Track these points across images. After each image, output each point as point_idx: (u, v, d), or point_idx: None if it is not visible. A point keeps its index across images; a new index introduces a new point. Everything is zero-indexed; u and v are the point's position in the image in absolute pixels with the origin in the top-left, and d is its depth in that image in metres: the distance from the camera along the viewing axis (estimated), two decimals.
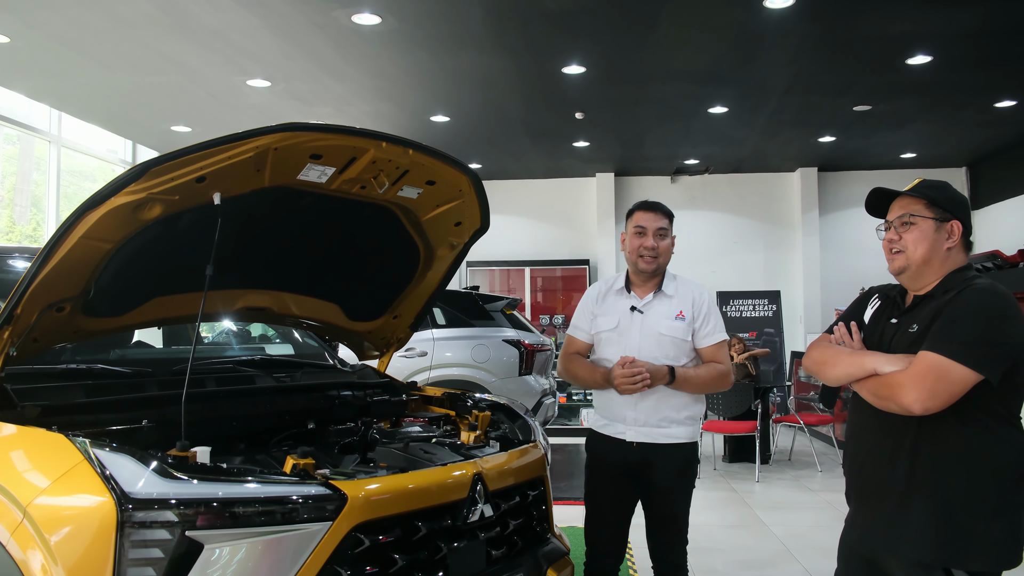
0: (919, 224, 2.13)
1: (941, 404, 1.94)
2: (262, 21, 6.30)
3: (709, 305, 3.13)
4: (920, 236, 2.12)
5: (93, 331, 2.57)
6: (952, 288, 2.06)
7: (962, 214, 2.16)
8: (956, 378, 1.92)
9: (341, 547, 1.99)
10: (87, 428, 2.22)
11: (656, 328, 3.07)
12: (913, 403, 1.95)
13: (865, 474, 2.18)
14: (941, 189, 2.17)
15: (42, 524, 1.83)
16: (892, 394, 2.00)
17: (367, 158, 2.48)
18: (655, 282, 3.15)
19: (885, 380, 2.03)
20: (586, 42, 6.83)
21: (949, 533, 1.98)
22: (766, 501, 6.70)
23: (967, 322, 1.97)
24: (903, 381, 1.97)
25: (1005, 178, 11.15)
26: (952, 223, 2.13)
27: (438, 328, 7.28)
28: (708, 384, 3.07)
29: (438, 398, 3.31)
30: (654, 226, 3.13)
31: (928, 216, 2.13)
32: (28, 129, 8.92)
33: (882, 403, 2.06)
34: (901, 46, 6.90)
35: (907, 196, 2.18)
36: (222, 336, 4.68)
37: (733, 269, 12.34)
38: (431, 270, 3.18)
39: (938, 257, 2.12)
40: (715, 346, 3.10)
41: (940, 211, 2.13)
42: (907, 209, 2.16)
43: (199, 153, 2.15)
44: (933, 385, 1.93)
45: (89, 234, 2.16)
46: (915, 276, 2.15)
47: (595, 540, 3.14)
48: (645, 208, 3.19)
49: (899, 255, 2.16)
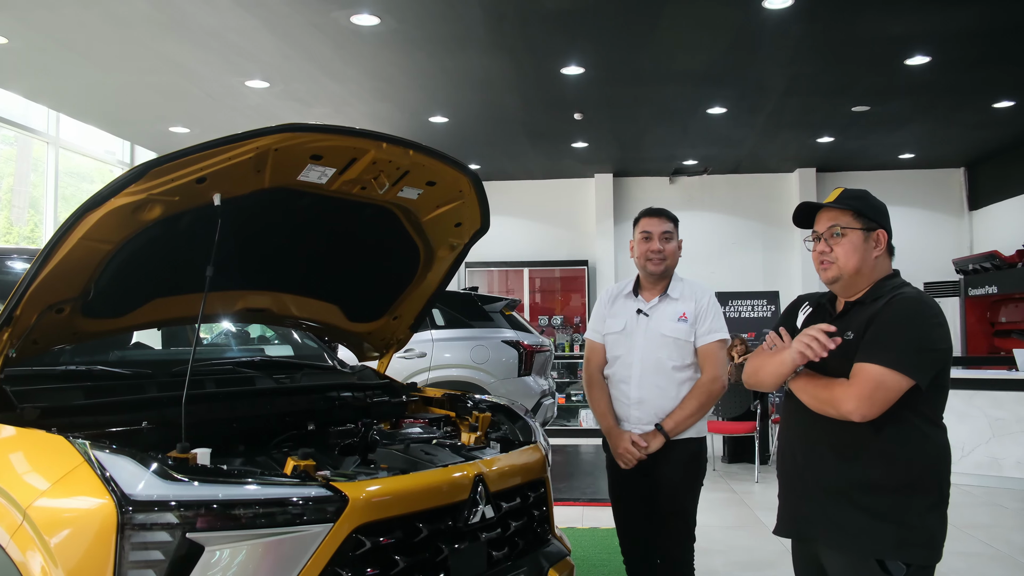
0: (848, 235, 2.20)
1: (879, 411, 2.04)
2: (260, 21, 6.29)
3: (708, 305, 3.21)
4: (851, 247, 2.20)
5: (93, 332, 2.56)
6: (881, 296, 2.16)
7: (885, 222, 2.25)
8: (892, 385, 2.02)
9: (342, 549, 1.98)
10: (87, 430, 2.21)
11: (660, 330, 3.17)
12: (852, 412, 2.04)
13: (800, 471, 2.25)
14: (864, 199, 2.26)
15: (42, 526, 1.82)
16: (832, 402, 2.09)
17: (367, 159, 2.47)
18: (662, 286, 3.24)
19: (826, 390, 2.12)
20: (585, 43, 6.83)
21: (887, 527, 2.07)
22: (765, 502, 6.70)
23: (900, 331, 2.07)
24: (843, 392, 2.06)
25: (1003, 178, 11.17)
26: (878, 232, 2.22)
27: (437, 329, 7.28)
28: (700, 410, 3.14)
29: (438, 399, 3.31)
30: (659, 230, 3.22)
31: (856, 227, 2.21)
32: (25, 130, 8.90)
33: (820, 408, 2.14)
34: (899, 47, 6.92)
35: (834, 208, 2.24)
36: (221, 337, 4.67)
37: (731, 270, 12.35)
38: (431, 271, 3.17)
39: (868, 265, 2.21)
40: (708, 346, 3.16)
41: (867, 221, 2.21)
42: (835, 221, 2.23)
43: (199, 154, 2.14)
44: (872, 394, 2.03)
45: (89, 235, 2.15)
46: (847, 285, 2.23)
47: (625, 533, 3.27)
48: (649, 214, 3.29)
49: (831, 266, 2.22)
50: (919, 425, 2.10)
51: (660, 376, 3.14)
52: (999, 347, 9.94)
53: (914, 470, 2.09)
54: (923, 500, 2.09)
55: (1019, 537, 5.56)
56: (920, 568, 2.07)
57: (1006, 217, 11.10)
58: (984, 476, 7.16)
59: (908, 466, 2.09)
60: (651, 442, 3.09)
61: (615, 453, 3.16)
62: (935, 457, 2.13)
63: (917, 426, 2.10)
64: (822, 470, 2.18)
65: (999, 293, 9.71)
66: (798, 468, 2.26)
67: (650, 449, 3.08)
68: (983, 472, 7.17)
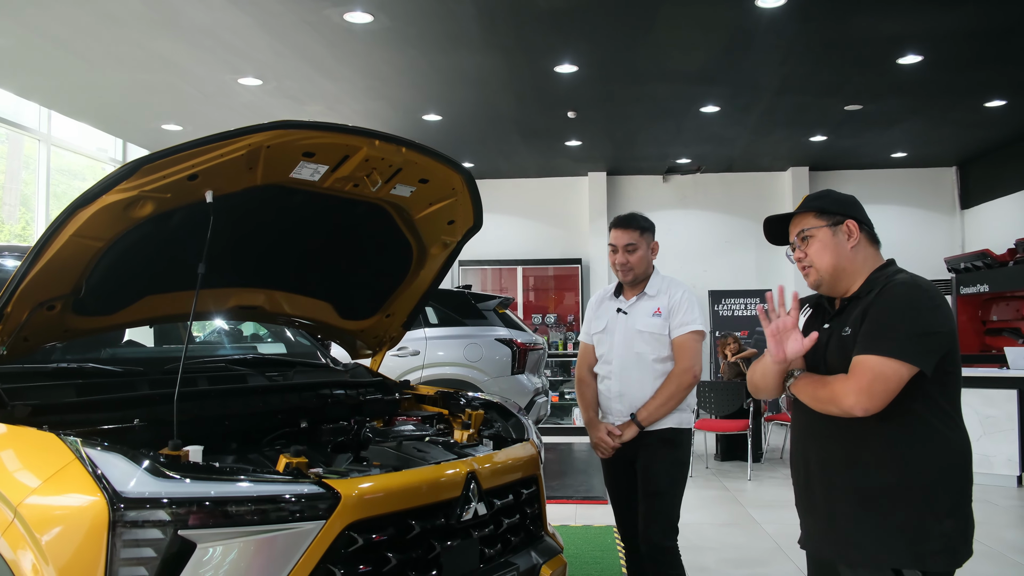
0: (816, 235, 2.19)
1: (881, 403, 1.96)
2: (253, 19, 6.28)
3: (682, 299, 3.32)
4: (821, 246, 2.18)
5: (84, 330, 2.55)
6: (875, 287, 2.10)
7: (853, 211, 2.21)
8: (890, 374, 1.95)
9: (334, 546, 1.98)
10: (78, 427, 2.20)
11: (635, 326, 3.33)
12: (853, 406, 1.97)
13: (812, 482, 2.19)
14: (824, 197, 2.25)
15: (33, 524, 1.81)
16: (833, 399, 2.02)
17: (360, 156, 2.47)
18: (641, 286, 3.39)
19: (825, 387, 2.06)
20: (578, 41, 6.84)
21: (903, 537, 1.99)
22: (758, 499, 6.72)
23: (895, 317, 2.00)
24: (842, 387, 2.00)
25: (995, 177, 11.21)
26: (846, 223, 2.18)
27: (430, 327, 7.28)
28: (671, 399, 3.24)
29: (431, 397, 3.31)
30: (622, 242, 3.35)
31: (820, 224, 2.19)
32: (17, 127, 8.86)
33: (822, 407, 2.08)
34: (892, 46, 6.94)
35: (797, 215, 2.25)
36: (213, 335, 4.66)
37: (725, 268, 12.37)
38: (424, 268, 3.17)
39: (845, 259, 2.17)
40: (681, 337, 3.28)
41: (830, 216, 2.19)
42: (800, 225, 2.23)
43: (191, 151, 2.14)
44: (871, 386, 1.95)
45: (80, 232, 2.14)
46: (832, 284, 2.20)
47: (622, 522, 3.42)
48: (616, 225, 3.42)
49: (810, 270, 2.21)
50: (931, 421, 2.03)
51: (638, 370, 3.28)
52: (990, 345, 9.98)
53: (929, 473, 2.01)
54: (941, 505, 2.00)
55: (1010, 534, 5.59)
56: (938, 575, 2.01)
57: (998, 216, 11.15)
58: (976, 474, 7.13)
59: (922, 470, 2.01)
60: (625, 431, 3.25)
61: (592, 443, 3.37)
62: (952, 457, 2.05)
63: (930, 422, 2.03)
64: (832, 481, 2.12)
65: (991, 291, 9.75)
66: (810, 479, 2.20)
67: (624, 438, 3.24)
68: (975, 470, 7.16)
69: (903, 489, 2.01)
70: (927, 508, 2.00)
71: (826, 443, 2.15)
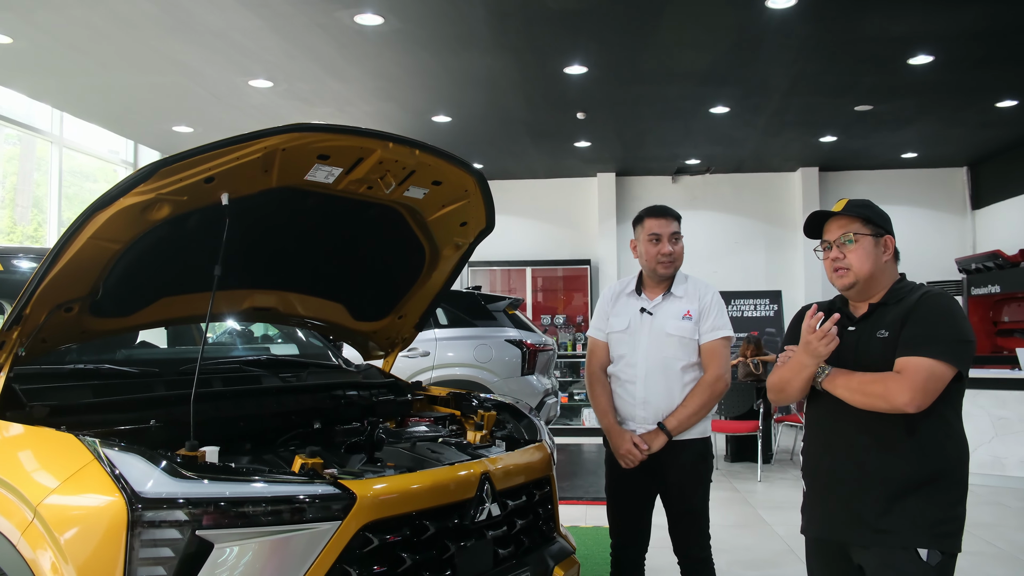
0: (860, 242, 2.30)
1: (929, 401, 2.13)
2: (264, 21, 6.30)
3: (712, 301, 3.19)
4: (864, 253, 2.30)
5: (101, 331, 2.57)
6: (904, 296, 2.27)
7: (891, 228, 2.38)
8: (940, 375, 2.13)
9: (350, 546, 1.99)
10: (96, 428, 2.22)
11: (664, 328, 3.15)
12: (908, 403, 2.11)
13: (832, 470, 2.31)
14: (870, 207, 2.37)
15: (52, 524, 1.83)
16: (886, 395, 2.14)
17: (374, 158, 2.48)
18: (666, 284, 3.22)
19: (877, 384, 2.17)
20: (588, 42, 6.84)
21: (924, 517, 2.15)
22: (768, 501, 6.71)
23: (941, 325, 2.18)
24: (897, 385, 2.13)
25: (1006, 178, 11.15)
26: (886, 237, 2.33)
27: (441, 328, 7.29)
28: (702, 408, 3.11)
29: (443, 398, 3.32)
30: (668, 231, 3.19)
31: (867, 233, 2.31)
32: (29, 129, 8.92)
33: (868, 401, 2.19)
34: (902, 46, 6.91)
35: (843, 216, 2.34)
36: (226, 336, 4.68)
37: (734, 269, 12.34)
38: (436, 270, 3.18)
39: (879, 269, 2.31)
40: (712, 343, 3.14)
41: (875, 227, 2.32)
42: (846, 229, 2.32)
43: (208, 154, 2.15)
44: (925, 384, 2.11)
45: (98, 235, 2.16)
46: (862, 290, 2.33)
47: (619, 531, 3.26)
48: (655, 214, 3.24)
49: (847, 272, 2.31)
50: (946, 415, 2.20)
51: (666, 375, 3.12)
52: (1002, 346, 9.93)
53: (946, 460, 2.19)
54: (956, 489, 2.19)
55: (1022, 536, 5.56)
56: (950, 556, 2.17)
57: (1009, 216, 11.08)
58: (987, 475, 7.16)
59: (940, 457, 2.18)
60: (653, 442, 3.07)
61: (617, 454, 3.14)
62: (961, 447, 2.23)
63: (945, 417, 2.20)
64: (857, 468, 2.24)
65: (1002, 292, 9.70)
66: (831, 468, 2.31)
67: (652, 449, 3.07)
68: (986, 471, 7.17)
69: (923, 474, 2.17)
70: (945, 494, 2.18)
71: (858, 434, 2.25)
